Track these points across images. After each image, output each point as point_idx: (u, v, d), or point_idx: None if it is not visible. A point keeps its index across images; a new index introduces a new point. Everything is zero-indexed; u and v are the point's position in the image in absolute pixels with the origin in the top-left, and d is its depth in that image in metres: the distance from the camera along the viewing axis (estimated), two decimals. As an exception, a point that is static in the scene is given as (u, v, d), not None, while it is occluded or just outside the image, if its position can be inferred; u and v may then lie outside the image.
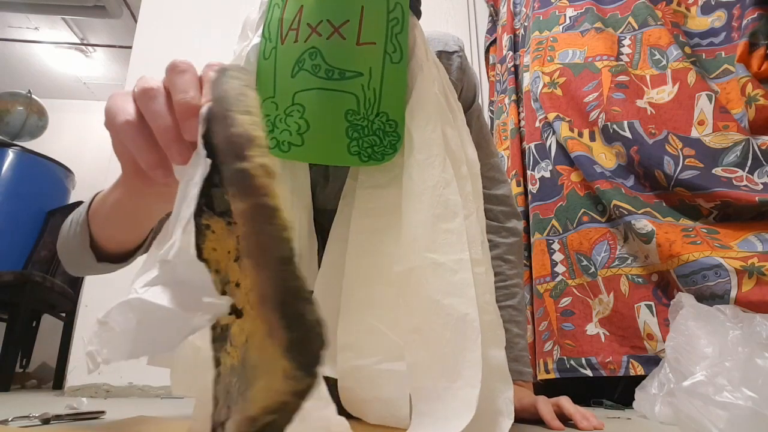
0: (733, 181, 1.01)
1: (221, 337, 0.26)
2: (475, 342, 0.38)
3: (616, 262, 1.08)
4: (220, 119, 0.22)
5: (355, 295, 0.47)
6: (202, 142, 0.25)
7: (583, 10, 1.35)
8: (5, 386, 1.84)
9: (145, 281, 0.25)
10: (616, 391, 1.02)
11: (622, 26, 1.29)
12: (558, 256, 1.19)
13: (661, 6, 1.26)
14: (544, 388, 1.12)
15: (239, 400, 0.20)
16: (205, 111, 0.26)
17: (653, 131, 1.12)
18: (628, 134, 1.13)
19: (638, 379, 0.80)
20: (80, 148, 3.51)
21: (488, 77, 1.78)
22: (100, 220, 0.48)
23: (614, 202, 1.08)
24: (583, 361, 1.07)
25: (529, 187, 1.33)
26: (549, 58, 1.34)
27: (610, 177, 1.13)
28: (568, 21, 1.37)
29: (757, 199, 0.95)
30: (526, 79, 1.41)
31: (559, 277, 1.17)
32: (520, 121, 1.47)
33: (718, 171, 1.04)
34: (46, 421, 0.55)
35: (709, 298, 0.89)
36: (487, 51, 1.78)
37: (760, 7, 1.08)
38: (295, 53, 0.46)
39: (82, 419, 0.59)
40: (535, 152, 1.33)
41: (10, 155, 2.34)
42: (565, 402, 0.60)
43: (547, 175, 1.27)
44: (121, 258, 0.52)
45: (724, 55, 1.16)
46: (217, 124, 0.23)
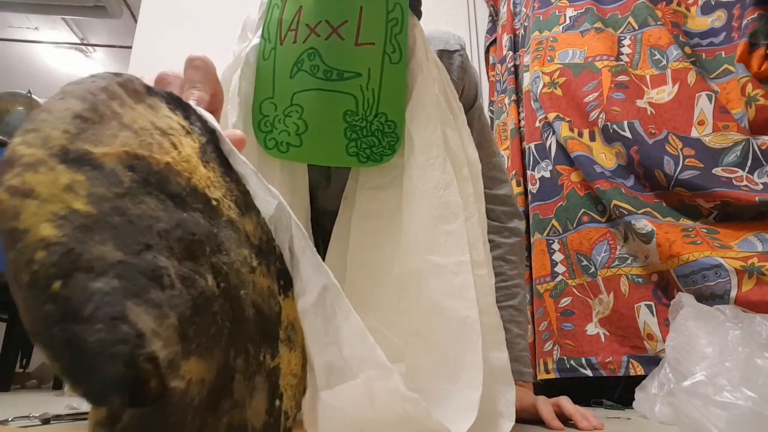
0: (733, 181, 1.01)
1: None
2: (476, 344, 0.38)
3: (616, 262, 1.08)
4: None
5: (355, 297, 0.47)
6: None
7: (583, 10, 1.35)
8: (5, 386, 1.83)
9: None
10: (616, 391, 1.02)
11: (622, 26, 1.29)
12: (558, 256, 1.19)
13: (661, 6, 1.26)
14: (544, 388, 1.12)
15: None
16: None
17: (653, 131, 1.12)
18: (628, 134, 1.13)
19: (638, 379, 0.80)
20: (80, 147, 3.51)
21: (488, 77, 1.77)
22: None
23: (614, 202, 1.08)
24: (583, 361, 1.07)
25: (529, 187, 1.33)
26: (549, 58, 1.34)
27: (610, 177, 1.13)
28: (568, 21, 1.37)
29: (757, 199, 0.95)
30: (526, 79, 1.41)
31: (559, 277, 1.17)
32: (520, 121, 1.46)
33: (718, 171, 1.04)
34: (46, 421, 0.55)
35: (709, 298, 0.89)
36: (487, 51, 1.78)
37: (760, 7, 1.08)
38: (294, 54, 0.46)
39: (82, 419, 0.59)
40: (535, 152, 1.33)
41: (10, 155, 2.34)
42: (565, 402, 0.60)
43: (547, 175, 1.27)
44: None
45: (724, 55, 1.16)
46: None
